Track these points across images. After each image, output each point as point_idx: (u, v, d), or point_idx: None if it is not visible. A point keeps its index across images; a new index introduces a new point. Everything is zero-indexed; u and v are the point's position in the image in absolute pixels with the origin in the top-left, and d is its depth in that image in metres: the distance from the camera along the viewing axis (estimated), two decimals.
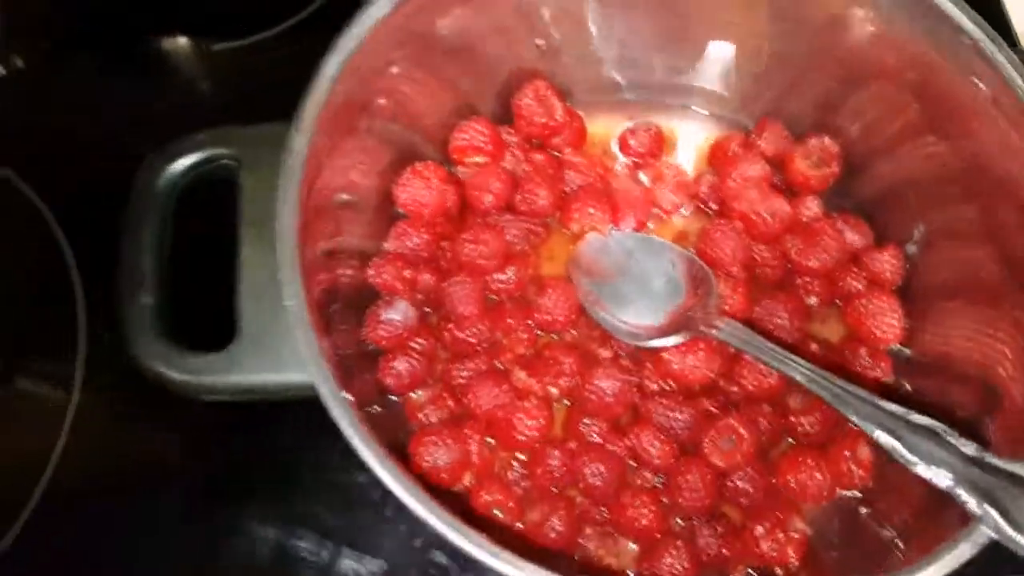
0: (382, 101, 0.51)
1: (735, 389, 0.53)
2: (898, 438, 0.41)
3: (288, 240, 0.39)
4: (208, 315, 0.41)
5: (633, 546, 0.50)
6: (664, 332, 0.52)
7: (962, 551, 0.38)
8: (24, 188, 0.64)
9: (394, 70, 0.50)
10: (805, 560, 0.49)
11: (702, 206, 0.59)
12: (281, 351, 0.41)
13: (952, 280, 0.52)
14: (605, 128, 0.61)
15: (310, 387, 0.38)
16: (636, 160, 0.61)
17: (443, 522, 0.37)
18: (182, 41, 0.72)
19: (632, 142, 0.60)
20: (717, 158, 0.60)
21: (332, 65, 0.43)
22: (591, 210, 0.57)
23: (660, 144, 0.61)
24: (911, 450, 0.40)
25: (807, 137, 0.57)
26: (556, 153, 0.60)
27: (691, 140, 0.62)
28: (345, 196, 0.50)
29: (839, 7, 0.50)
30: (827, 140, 0.57)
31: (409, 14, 0.46)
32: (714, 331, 0.50)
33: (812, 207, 0.57)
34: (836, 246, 0.55)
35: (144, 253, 0.42)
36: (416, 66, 0.52)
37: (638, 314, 0.53)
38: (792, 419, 0.53)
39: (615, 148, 0.61)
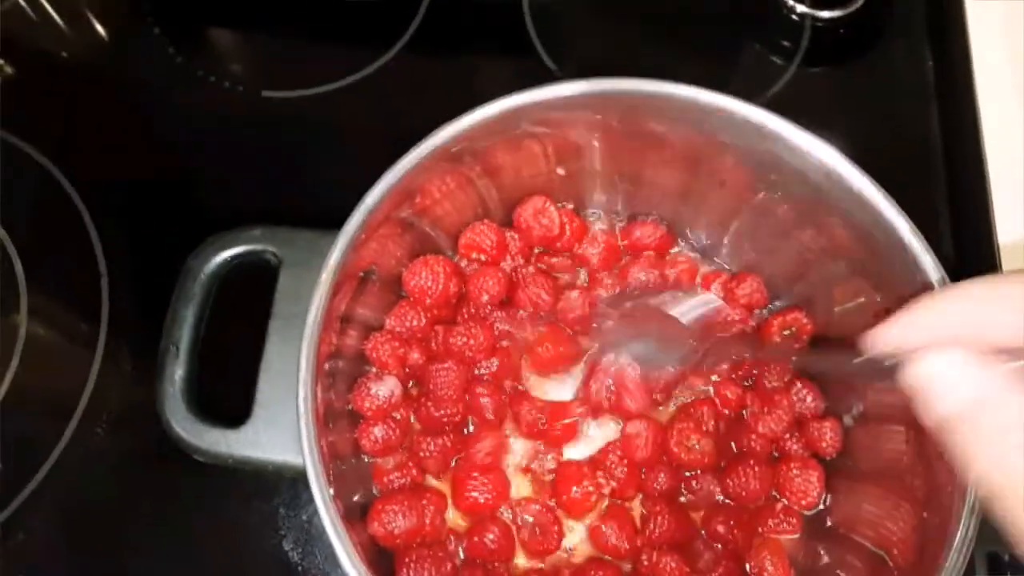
0: (415, 201, 0.58)
1: None
2: None
3: (310, 343, 0.46)
4: (230, 390, 0.48)
5: None
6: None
7: None
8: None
9: (428, 176, 0.57)
10: None
11: None
12: (286, 437, 0.48)
13: (874, 463, 0.58)
14: None
15: (302, 472, 0.46)
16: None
17: None
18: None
19: (638, 233, 0.66)
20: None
21: (377, 192, 0.50)
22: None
23: (668, 242, 0.67)
24: None
25: (788, 310, 0.63)
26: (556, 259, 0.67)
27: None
28: (368, 270, 0.57)
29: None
30: (804, 317, 0.62)
31: (454, 146, 0.53)
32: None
33: (782, 371, 0.63)
34: (787, 419, 0.61)
35: (182, 330, 0.50)
36: (448, 176, 0.58)
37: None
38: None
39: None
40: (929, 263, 0.50)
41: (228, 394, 0.50)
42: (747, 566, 0.58)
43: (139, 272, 0.67)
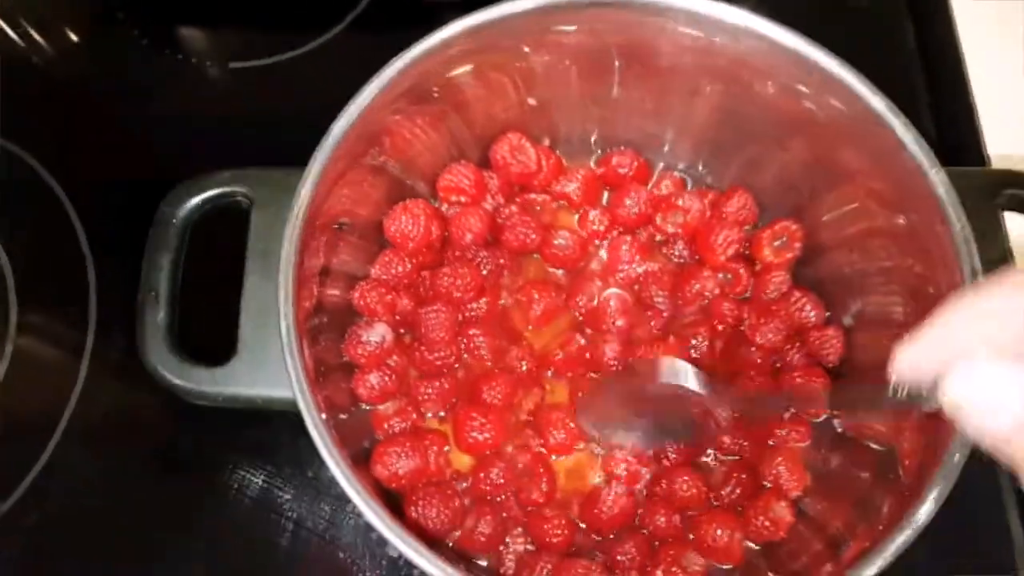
0: (384, 142, 0.57)
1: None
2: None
3: (288, 280, 0.46)
4: (213, 332, 0.48)
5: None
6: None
7: None
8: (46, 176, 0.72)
9: (397, 118, 0.56)
10: None
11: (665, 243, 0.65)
12: (273, 370, 0.48)
13: (876, 361, 0.57)
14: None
15: (292, 403, 0.45)
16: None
17: (391, 531, 0.43)
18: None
19: (615, 161, 0.65)
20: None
21: (340, 125, 0.49)
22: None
23: (644, 172, 0.66)
24: None
25: (775, 220, 0.62)
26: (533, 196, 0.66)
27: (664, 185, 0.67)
28: (343, 221, 0.56)
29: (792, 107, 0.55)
30: (793, 225, 0.61)
31: (416, 76, 0.52)
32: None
33: (779, 282, 0.62)
34: (786, 328, 0.60)
35: (160, 274, 0.50)
36: (417, 116, 0.58)
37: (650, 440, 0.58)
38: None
39: (592, 165, 0.67)
40: (912, 140, 0.49)
41: (212, 336, 0.50)
42: (763, 477, 0.57)
43: (127, 264, 0.67)
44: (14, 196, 0.72)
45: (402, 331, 0.62)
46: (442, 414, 0.60)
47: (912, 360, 0.35)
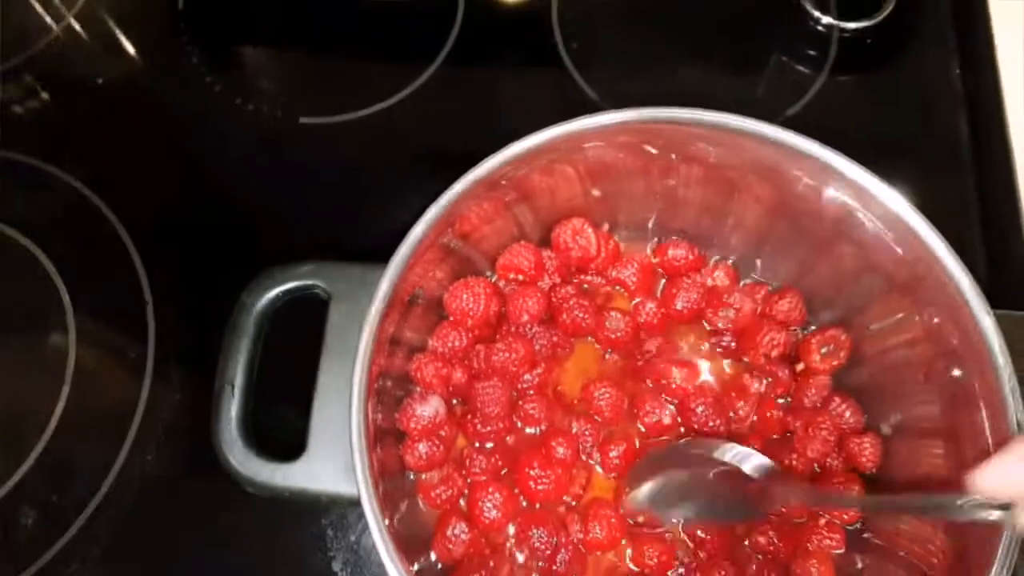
0: (454, 226, 0.59)
1: None
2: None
3: (361, 382, 0.47)
4: (286, 423, 0.50)
5: None
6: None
7: None
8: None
9: (469, 210, 0.58)
10: None
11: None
12: (340, 467, 0.50)
13: (910, 477, 0.59)
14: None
15: (356, 501, 0.47)
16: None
17: None
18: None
19: (671, 253, 0.67)
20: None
21: (418, 229, 0.51)
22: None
23: (699, 263, 0.67)
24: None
25: (824, 328, 0.64)
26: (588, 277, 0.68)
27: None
28: (414, 293, 0.58)
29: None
30: (843, 335, 0.63)
31: (495, 176, 0.54)
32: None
33: (821, 386, 0.64)
34: (834, 439, 0.61)
35: (237, 366, 0.51)
36: (486, 202, 0.59)
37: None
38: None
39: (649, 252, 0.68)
40: (966, 283, 0.50)
41: (283, 428, 0.52)
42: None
43: (184, 299, 0.69)
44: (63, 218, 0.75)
45: (454, 401, 0.63)
46: None
47: (998, 479, 0.39)
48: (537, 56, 0.82)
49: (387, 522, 0.46)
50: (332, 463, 0.50)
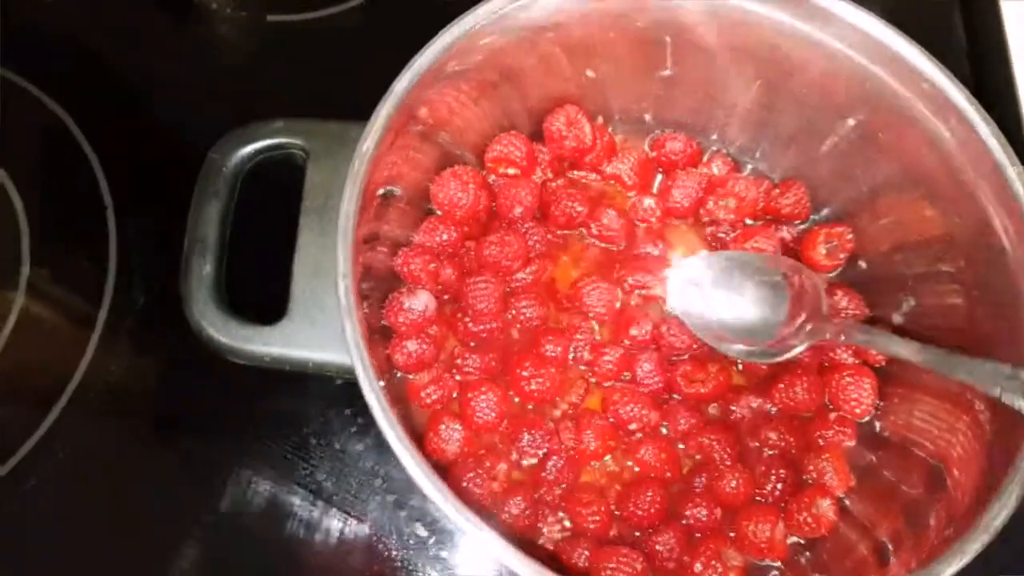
0: (436, 110, 0.54)
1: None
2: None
3: (347, 238, 0.43)
4: (261, 291, 0.45)
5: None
6: (777, 349, 0.57)
7: None
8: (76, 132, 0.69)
9: (451, 86, 0.54)
10: None
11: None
12: (327, 333, 0.45)
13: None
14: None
15: (347, 369, 0.43)
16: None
17: (444, 498, 0.41)
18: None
19: (668, 146, 0.63)
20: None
21: (404, 81, 0.47)
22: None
23: (695, 154, 0.64)
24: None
25: (832, 224, 0.61)
26: (582, 173, 0.64)
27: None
28: (389, 188, 0.53)
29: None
30: (847, 233, 0.60)
31: (473, 43, 0.51)
32: (828, 335, 0.54)
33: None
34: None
35: (208, 225, 0.46)
36: (469, 84, 0.56)
37: (748, 333, 0.57)
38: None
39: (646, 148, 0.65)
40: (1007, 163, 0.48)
41: (260, 294, 0.47)
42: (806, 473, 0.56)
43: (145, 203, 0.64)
44: (33, 138, 0.69)
45: (445, 298, 0.59)
46: None
47: None
48: None
49: (382, 383, 0.42)
50: (317, 328, 0.46)
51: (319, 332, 0.46)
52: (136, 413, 0.61)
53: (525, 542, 0.54)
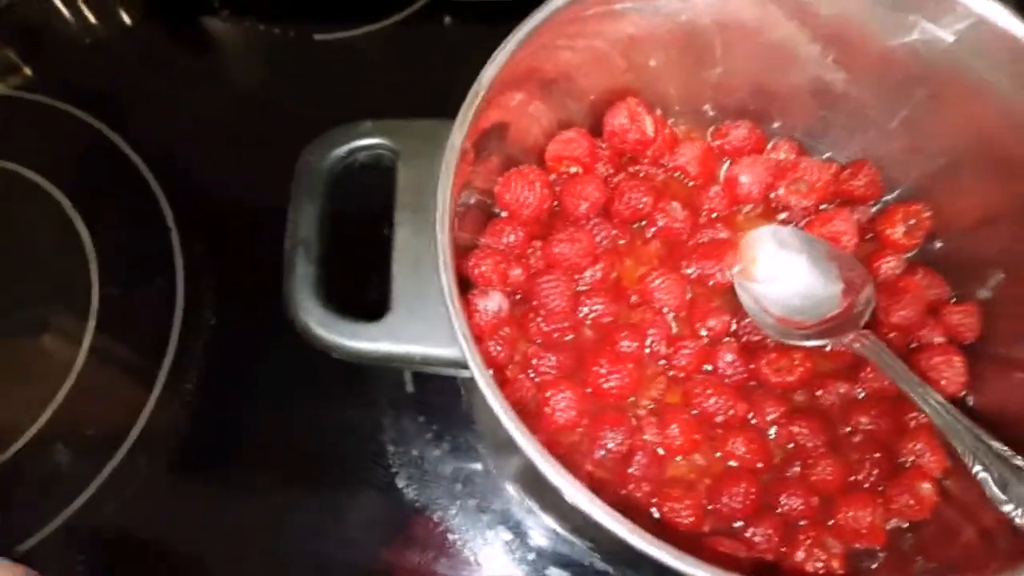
0: (505, 110, 0.54)
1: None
2: (991, 473, 0.45)
3: (445, 230, 0.43)
4: (357, 291, 0.45)
5: None
6: (813, 335, 0.56)
7: None
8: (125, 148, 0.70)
9: (514, 86, 0.54)
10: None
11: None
12: (429, 327, 0.45)
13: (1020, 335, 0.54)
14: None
15: (452, 361, 0.43)
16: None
17: (570, 484, 0.40)
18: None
19: (732, 135, 0.62)
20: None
21: (489, 73, 0.47)
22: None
23: (760, 141, 0.63)
24: (1000, 487, 0.44)
25: (908, 203, 0.60)
26: (642, 168, 0.63)
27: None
28: (464, 195, 0.53)
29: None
30: (925, 211, 0.59)
31: (533, 49, 0.50)
32: (856, 345, 0.54)
33: (894, 264, 0.59)
34: (920, 304, 0.57)
35: (307, 226, 0.47)
36: (527, 91, 0.55)
37: (791, 311, 0.57)
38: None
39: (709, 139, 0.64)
40: None
41: (361, 293, 0.47)
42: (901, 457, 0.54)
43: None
44: (94, 166, 0.70)
45: (517, 297, 0.59)
46: None
47: None
48: None
49: (491, 372, 0.41)
50: (421, 322, 0.45)
51: (423, 326, 0.45)
52: (207, 432, 0.62)
53: None
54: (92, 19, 0.79)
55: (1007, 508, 0.44)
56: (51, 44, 0.77)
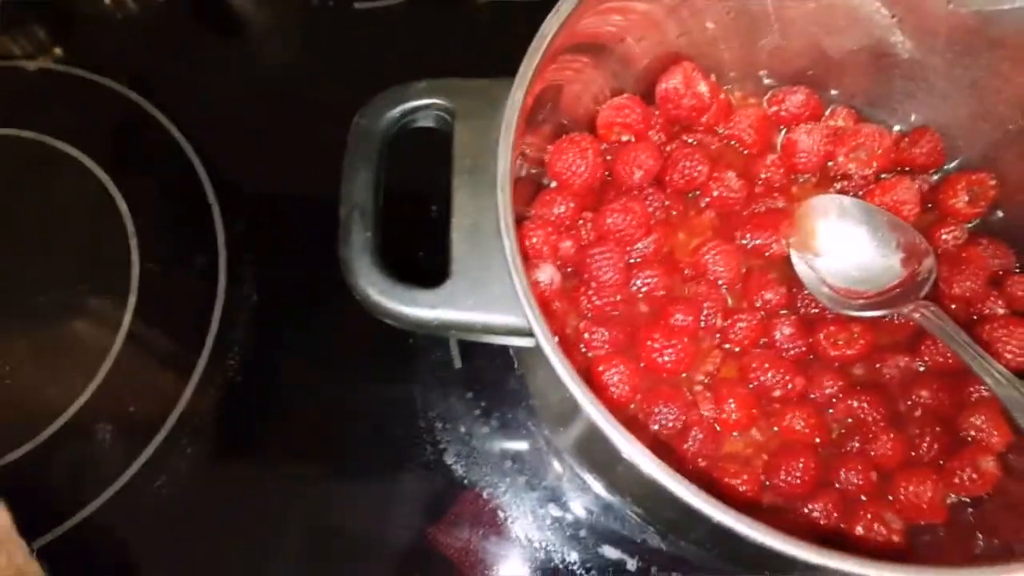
0: (555, 79, 0.53)
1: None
2: None
3: (506, 192, 0.42)
4: (413, 256, 0.44)
5: None
6: (872, 305, 0.54)
7: None
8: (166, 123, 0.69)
9: (567, 56, 0.52)
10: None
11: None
12: (491, 293, 0.44)
13: None
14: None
15: (515, 328, 0.42)
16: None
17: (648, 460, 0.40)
18: None
19: (788, 101, 0.61)
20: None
21: (551, 26, 0.45)
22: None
23: (817, 108, 0.61)
24: None
25: (971, 171, 0.58)
26: (695, 137, 0.61)
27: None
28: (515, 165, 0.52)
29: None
30: (989, 179, 0.57)
31: (589, 6, 0.48)
32: (916, 315, 0.53)
33: (957, 234, 0.58)
34: (983, 274, 0.55)
35: (362, 191, 0.45)
36: (582, 53, 0.54)
37: (850, 281, 0.56)
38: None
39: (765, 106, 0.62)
40: None
41: (417, 260, 0.46)
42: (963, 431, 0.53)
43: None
44: (132, 139, 0.69)
45: (568, 270, 0.57)
46: None
47: None
48: None
49: (557, 338, 0.40)
50: (481, 288, 0.44)
51: (484, 293, 0.44)
52: (251, 409, 0.61)
53: None
54: None
55: None
56: (84, 21, 0.76)
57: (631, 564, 0.55)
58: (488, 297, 0.44)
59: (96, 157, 0.67)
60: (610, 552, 0.56)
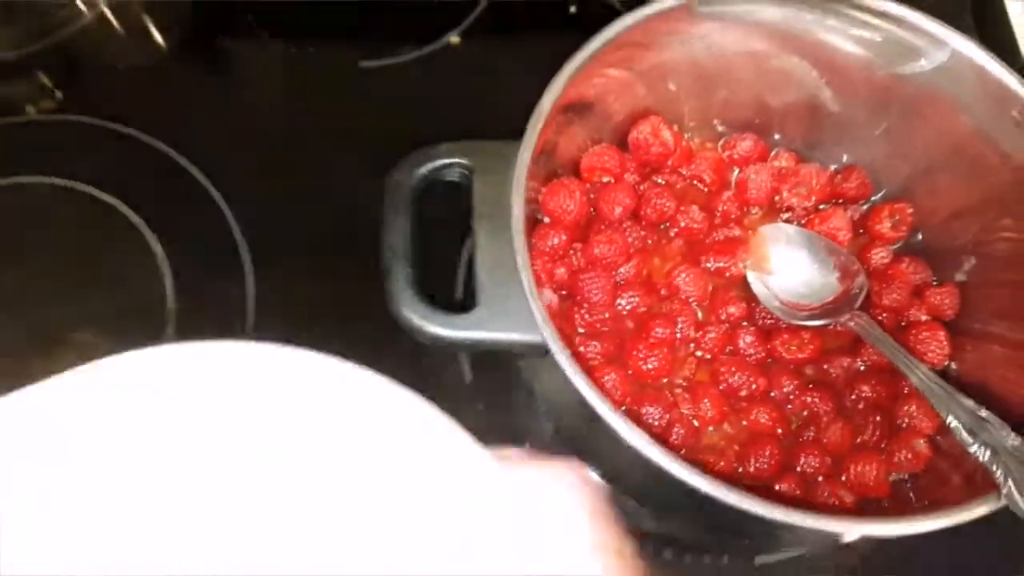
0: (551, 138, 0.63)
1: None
2: (962, 423, 0.54)
3: (520, 234, 0.52)
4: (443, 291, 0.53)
5: None
6: (815, 316, 0.65)
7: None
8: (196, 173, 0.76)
9: (560, 117, 0.62)
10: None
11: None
12: (512, 317, 0.54)
13: (995, 309, 0.64)
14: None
15: (533, 345, 0.52)
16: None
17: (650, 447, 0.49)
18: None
19: (739, 147, 0.72)
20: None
21: (548, 100, 0.56)
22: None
23: (764, 152, 0.72)
24: (969, 434, 0.53)
25: (894, 201, 0.70)
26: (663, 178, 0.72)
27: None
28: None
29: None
30: (908, 208, 0.68)
31: (580, 78, 0.59)
32: (852, 324, 0.63)
33: (883, 254, 0.69)
34: (907, 288, 0.67)
35: (399, 237, 0.55)
36: (571, 113, 0.64)
37: (796, 296, 0.67)
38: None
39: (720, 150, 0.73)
40: None
41: (449, 292, 0.54)
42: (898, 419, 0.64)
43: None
44: (165, 189, 0.76)
45: (563, 293, 0.67)
46: None
47: None
48: None
49: (570, 351, 0.49)
50: (504, 314, 0.54)
51: (507, 317, 0.54)
52: None
53: None
54: (129, 44, 0.85)
55: (973, 449, 0.53)
56: (91, 69, 0.83)
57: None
58: (510, 320, 0.54)
59: (130, 203, 0.74)
60: None
